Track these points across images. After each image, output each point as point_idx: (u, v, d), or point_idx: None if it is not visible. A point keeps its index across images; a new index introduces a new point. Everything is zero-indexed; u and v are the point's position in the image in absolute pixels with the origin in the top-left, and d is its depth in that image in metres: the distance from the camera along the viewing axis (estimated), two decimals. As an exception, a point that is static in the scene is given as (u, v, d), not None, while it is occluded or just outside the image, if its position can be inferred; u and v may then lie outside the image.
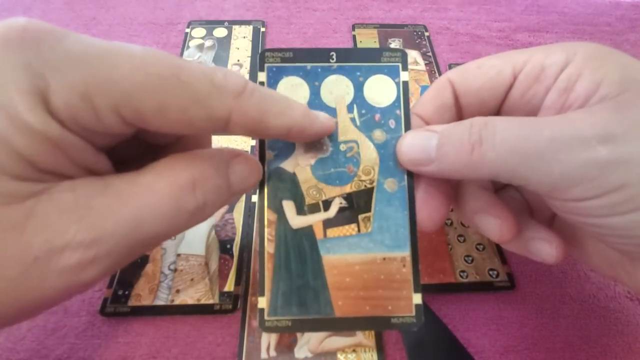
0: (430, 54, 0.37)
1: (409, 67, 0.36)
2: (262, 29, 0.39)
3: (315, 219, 0.20)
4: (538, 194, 0.17)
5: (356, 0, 0.43)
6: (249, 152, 0.30)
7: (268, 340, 0.22)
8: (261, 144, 0.19)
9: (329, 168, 0.20)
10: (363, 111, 0.20)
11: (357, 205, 0.19)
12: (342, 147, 0.20)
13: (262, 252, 0.19)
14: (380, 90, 0.20)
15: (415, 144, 0.18)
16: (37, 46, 0.12)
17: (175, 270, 0.24)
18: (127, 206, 0.14)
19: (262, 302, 0.19)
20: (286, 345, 0.22)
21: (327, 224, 0.19)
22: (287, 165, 0.20)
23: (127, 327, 0.22)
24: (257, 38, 0.38)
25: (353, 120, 0.20)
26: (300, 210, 0.19)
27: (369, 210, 0.19)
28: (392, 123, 0.20)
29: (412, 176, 0.19)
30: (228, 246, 0.25)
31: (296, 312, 0.19)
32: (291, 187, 0.20)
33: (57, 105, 0.13)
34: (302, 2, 0.42)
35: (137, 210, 0.14)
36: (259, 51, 0.37)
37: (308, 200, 0.20)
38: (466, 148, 0.16)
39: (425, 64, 0.36)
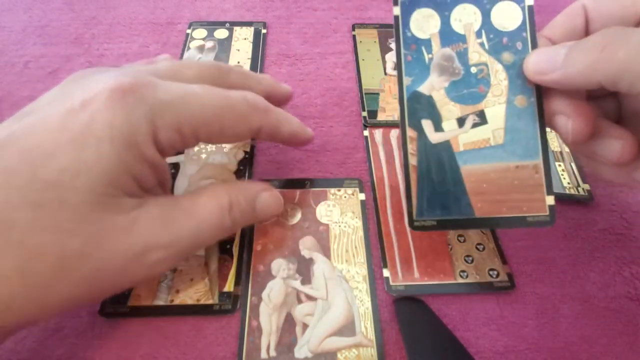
0: (430, 54, 0.37)
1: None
2: (264, 31, 0.39)
3: (451, 135, 0.22)
4: None
5: (356, 0, 0.43)
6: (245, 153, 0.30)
7: (268, 340, 0.22)
8: (399, 70, 0.22)
9: (461, 89, 0.22)
10: (491, 36, 0.22)
11: (489, 121, 0.22)
12: (473, 69, 0.22)
13: (406, 164, 0.22)
14: (507, 15, 0.22)
15: (543, 56, 0.20)
16: (145, 99, 0.17)
17: (174, 270, 0.24)
18: (191, 219, 0.19)
19: (410, 207, 0.22)
20: (286, 345, 0.22)
21: (463, 138, 0.22)
22: (424, 88, 0.22)
23: (127, 328, 0.22)
24: (257, 40, 0.38)
25: (482, 44, 0.22)
26: (438, 127, 0.22)
27: (501, 124, 0.22)
28: (519, 45, 0.22)
29: (541, 93, 0.21)
30: (228, 246, 0.25)
31: (440, 214, 0.22)
32: (428, 108, 0.22)
33: (161, 139, 0.18)
34: (302, 1, 0.42)
35: (197, 222, 0.19)
36: (260, 53, 0.37)
37: (444, 118, 0.22)
38: (597, 48, 0.17)
39: (426, 64, 0.36)
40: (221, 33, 0.38)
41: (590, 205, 0.28)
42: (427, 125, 0.22)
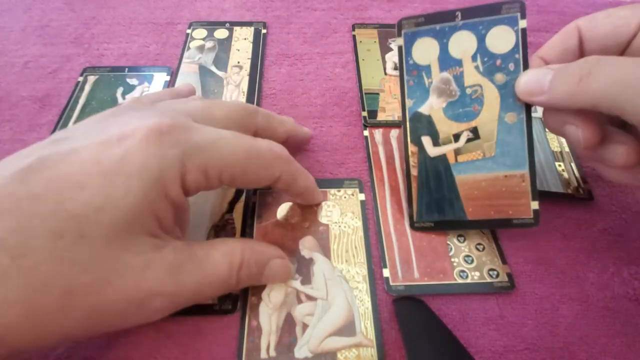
0: (430, 54, 0.37)
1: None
2: (264, 31, 0.39)
3: (448, 149, 0.25)
4: (633, 125, 0.19)
5: (356, 0, 0.43)
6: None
7: (268, 340, 0.22)
8: (402, 94, 0.25)
9: (457, 108, 0.24)
10: (485, 59, 0.24)
11: (482, 136, 0.24)
12: (468, 90, 0.24)
13: (408, 175, 0.26)
14: (501, 38, 0.24)
15: (532, 78, 0.22)
16: (179, 142, 0.17)
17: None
18: (200, 273, 0.19)
19: (411, 211, 0.26)
20: (286, 345, 0.22)
21: (458, 151, 0.25)
22: (424, 109, 0.25)
23: (126, 327, 0.22)
24: (257, 40, 0.38)
25: (477, 67, 0.24)
26: (436, 143, 0.25)
27: (492, 139, 0.24)
28: (511, 66, 0.23)
29: (529, 109, 0.23)
30: (228, 246, 0.25)
31: (437, 217, 0.25)
32: (427, 126, 0.25)
33: (188, 180, 0.18)
34: (302, 1, 0.42)
35: (205, 277, 0.19)
36: (259, 53, 0.37)
37: (441, 135, 0.25)
38: (575, 79, 0.19)
39: (425, 64, 0.36)
40: (221, 33, 0.39)
41: (590, 205, 0.28)
42: (426, 141, 0.25)
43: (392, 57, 0.37)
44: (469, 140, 0.24)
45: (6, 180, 0.15)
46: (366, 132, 0.32)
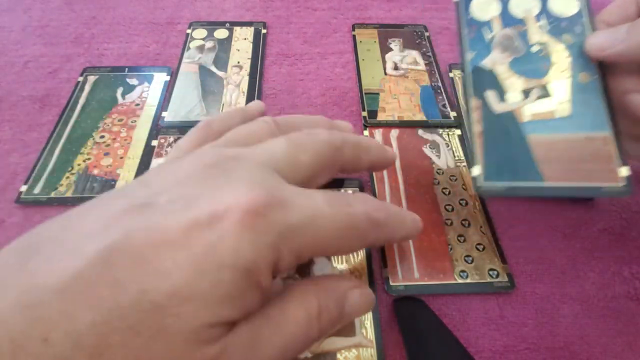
0: (430, 54, 0.37)
1: (409, 66, 0.36)
2: (264, 31, 0.39)
3: (515, 106, 0.23)
4: None
5: (356, 0, 0.43)
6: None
7: (268, 340, 0.22)
8: (461, 46, 0.25)
9: (524, 65, 0.24)
10: (550, 20, 0.24)
11: (554, 94, 0.23)
12: (534, 48, 0.24)
13: (471, 131, 0.23)
14: (564, 3, 0.24)
15: (604, 35, 0.22)
16: (275, 225, 0.16)
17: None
18: (280, 336, 0.17)
19: (476, 171, 0.22)
20: (286, 345, 0.22)
21: (528, 109, 0.23)
22: (486, 62, 0.24)
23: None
24: (257, 40, 0.38)
25: (541, 27, 0.24)
26: (501, 99, 0.23)
27: (566, 97, 0.23)
28: (578, 29, 0.24)
29: (603, 70, 0.23)
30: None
31: (508, 179, 0.22)
32: (491, 80, 0.24)
33: (280, 266, 0.16)
34: (302, 1, 0.42)
35: (286, 340, 0.17)
36: (259, 53, 0.37)
37: (508, 90, 0.24)
38: None
39: (425, 64, 0.36)
40: (221, 33, 0.39)
41: (590, 205, 0.28)
42: (491, 95, 0.23)
43: (392, 57, 0.37)
44: (539, 97, 0.23)
45: (90, 260, 0.14)
46: (366, 132, 0.32)
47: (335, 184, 0.28)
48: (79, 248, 0.14)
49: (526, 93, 0.23)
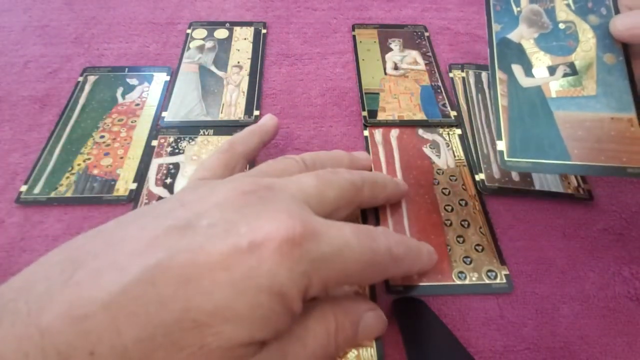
0: (430, 54, 0.37)
1: (409, 66, 0.36)
2: (264, 31, 0.39)
3: (542, 81, 0.23)
4: None
5: (356, 0, 0.43)
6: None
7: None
8: (488, 18, 0.25)
9: (551, 41, 0.24)
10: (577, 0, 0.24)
11: (580, 72, 0.23)
12: (561, 25, 0.24)
13: (496, 104, 0.23)
14: None
15: (629, 17, 0.23)
16: (309, 254, 0.16)
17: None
18: (304, 352, 0.18)
19: (501, 145, 0.22)
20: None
21: (554, 85, 0.23)
22: (513, 36, 0.24)
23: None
24: (257, 40, 0.38)
25: (568, 5, 0.24)
26: (528, 73, 0.24)
27: (592, 77, 0.23)
28: (603, 10, 0.24)
29: (628, 53, 0.23)
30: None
31: (534, 155, 0.22)
32: (518, 54, 0.24)
33: (310, 293, 0.17)
34: (302, 1, 0.42)
35: (308, 354, 0.18)
36: (259, 53, 0.37)
37: (534, 65, 0.24)
38: None
39: (425, 64, 0.36)
40: (221, 33, 0.39)
41: (590, 205, 0.28)
42: (517, 69, 0.24)
43: (392, 57, 0.37)
44: (565, 74, 0.23)
45: (135, 277, 0.14)
46: (366, 132, 0.32)
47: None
48: (124, 265, 0.15)
49: (551, 70, 0.24)
